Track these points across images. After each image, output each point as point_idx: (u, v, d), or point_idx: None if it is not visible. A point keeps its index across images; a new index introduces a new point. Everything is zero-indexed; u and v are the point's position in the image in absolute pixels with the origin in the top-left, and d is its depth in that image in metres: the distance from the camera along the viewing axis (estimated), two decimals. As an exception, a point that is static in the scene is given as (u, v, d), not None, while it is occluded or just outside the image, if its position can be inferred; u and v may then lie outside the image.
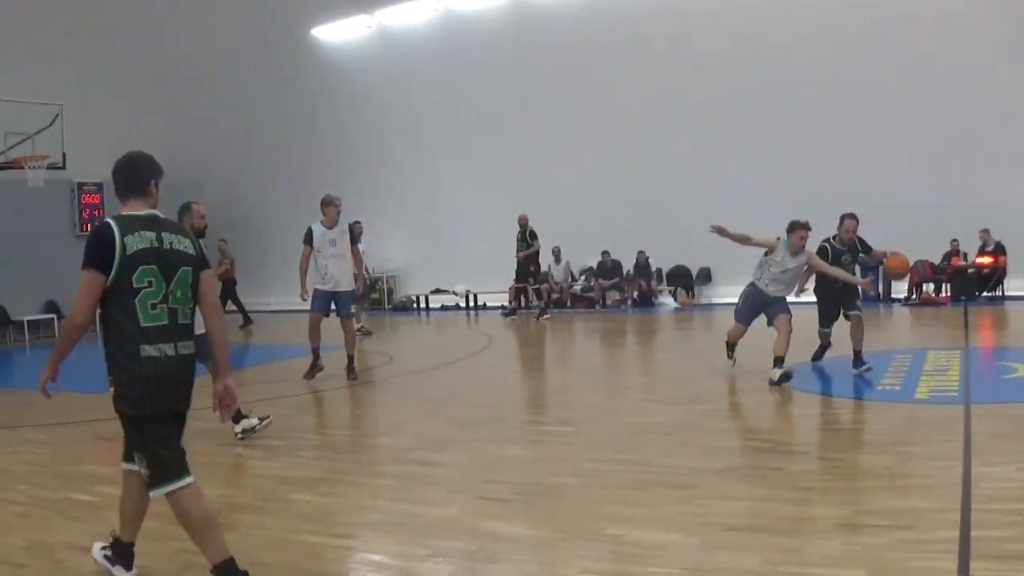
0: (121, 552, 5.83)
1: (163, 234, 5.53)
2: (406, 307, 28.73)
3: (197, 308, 5.60)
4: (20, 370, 15.49)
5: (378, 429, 10.44)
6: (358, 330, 18.55)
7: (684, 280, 25.16)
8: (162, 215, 5.75)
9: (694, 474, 7.38)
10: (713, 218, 17.86)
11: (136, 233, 5.41)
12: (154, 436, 5.38)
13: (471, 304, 27.14)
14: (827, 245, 12.43)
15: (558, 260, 25.58)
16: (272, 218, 30.99)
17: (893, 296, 22.22)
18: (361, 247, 15.56)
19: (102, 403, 13.42)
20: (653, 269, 25.10)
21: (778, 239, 12.20)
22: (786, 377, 11.48)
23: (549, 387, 13.52)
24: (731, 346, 12.92)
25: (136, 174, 5.98)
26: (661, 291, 25.28)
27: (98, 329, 5.51)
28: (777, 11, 22.30)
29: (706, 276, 24.76)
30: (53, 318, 24.80)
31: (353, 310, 15.05)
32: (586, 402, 11.33)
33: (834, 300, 12.54)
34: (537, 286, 23.87)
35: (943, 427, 8.48)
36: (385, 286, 29.17)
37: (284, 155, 30.44)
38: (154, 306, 5.36)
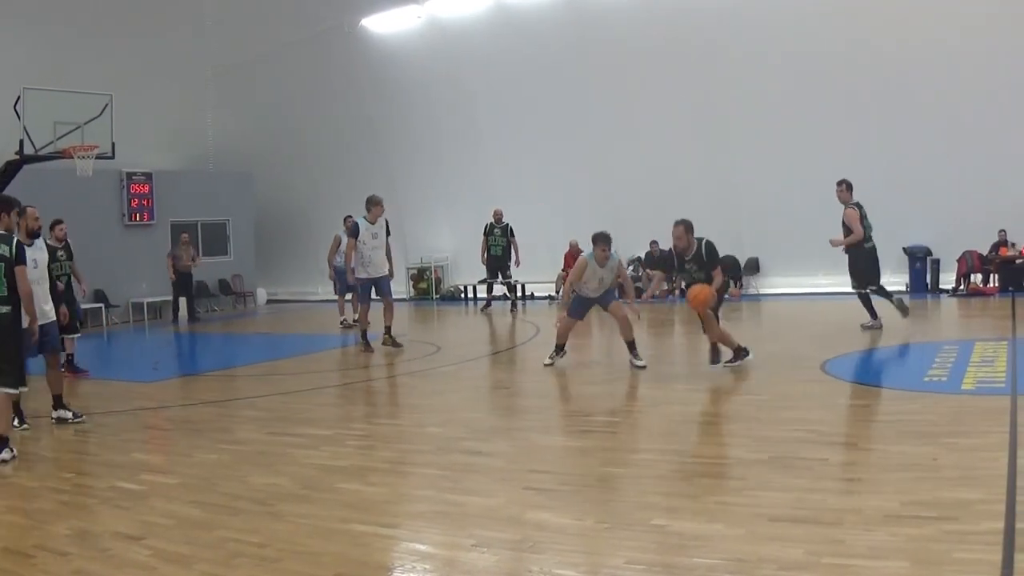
0: None
1: None
2: (453, 297, 28.80)
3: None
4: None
5: (425, 418, 10.45)
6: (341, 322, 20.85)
7: (732, 270, 24.95)
8: None
9: (739, 464, 7.39)
10: (763, 209, 17.92)
11: None
12: None
13: (519, 294, 27.19)
14: (671, 252, 12.73)
15: (606, 250, 25.57)
16: (322, 208, 31.13)
17: (941, 287, 22.02)
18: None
19: (148, 392, 13.66)
20: (702, 259, 24.96)
21: (583, 254, 13.43)
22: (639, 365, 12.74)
23: (596, 377, 13.51)
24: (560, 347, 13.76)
25: None
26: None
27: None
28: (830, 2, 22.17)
29: (754, 266, 24.63)
30: (101, 307, 25.04)
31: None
32: (632, 392, 11.34)
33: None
34: (508, 280, 24.18)
35: (989, 418, 8.41)
36: (433, 276, 29.23)
37: (334, 146, 30.52)
38: None
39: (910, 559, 5.10)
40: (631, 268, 25.70)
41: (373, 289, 16.78)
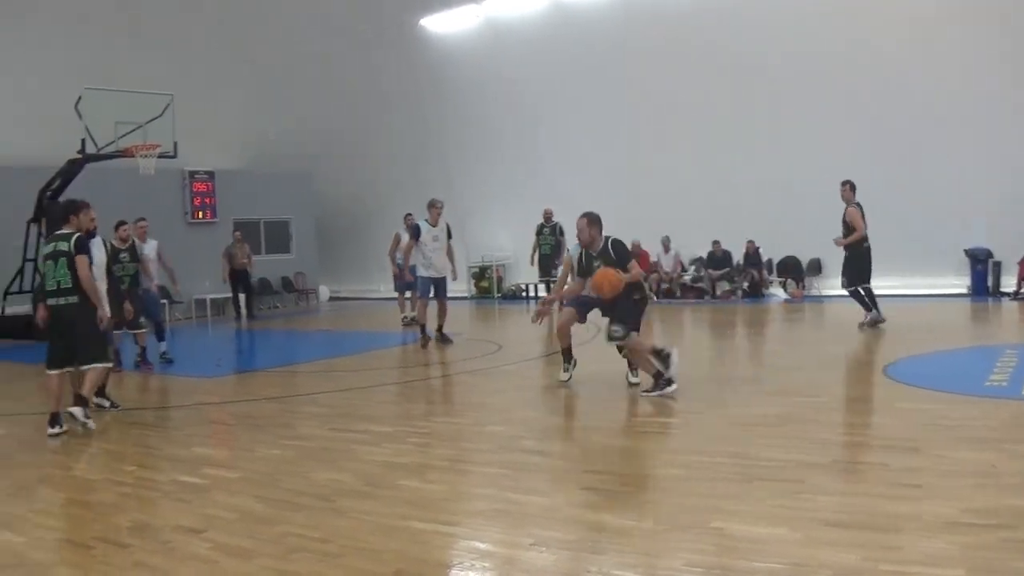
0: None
1: None
2: (514, 295, 28.86)
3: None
4: (127, 356, 15.89)
5: (485, 417, 10.51)
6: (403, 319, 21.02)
7: (794, 271, 24.94)
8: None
9: (799, 468, 7.37)
10: (824, 210, 17.85)
11: None
12: None
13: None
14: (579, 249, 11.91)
15: (667, 250, 25.52)
16: (382, 206, 31.35)
17: (1002, 290, 21.79)
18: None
19: (211, 387, 13.83)
20: (763, 259, 24.92)
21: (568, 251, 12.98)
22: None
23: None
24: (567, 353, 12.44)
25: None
26: (771, 282, 25.09)
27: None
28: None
29: (816, 267, 24.52)
30: (165, 304, 25.33)
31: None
32: (693, 393, 11.31)
33: None
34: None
35: (1051, 425, 8.37)
36: (494, 275, 29.32)
37: (394, 145, 30.72)
38: None
39: (967, 567, 5.08)
40: (693, 268, 25.63)
41: (433, 288, 17.22)
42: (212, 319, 26.95)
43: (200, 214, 28.62)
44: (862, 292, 16.46)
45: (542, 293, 25.43)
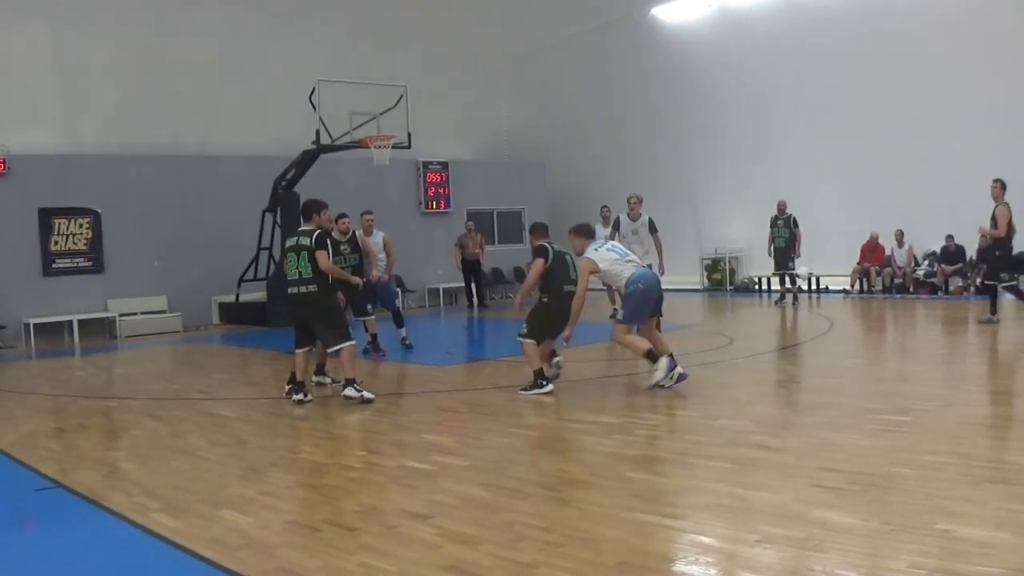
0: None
1: None
2: (747, 288, 28.62)
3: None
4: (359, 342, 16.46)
5: (715, 410, 10.48)
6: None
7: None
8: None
9: (1029, 472, 7.23)
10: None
11: None
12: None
13: (813, 287, 26.76)
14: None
15: (900, 244, 24.92)
16: (613, 197, 31.35)
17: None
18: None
19: (441, 375, 14.21)
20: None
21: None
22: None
23: (888, 374, 13.29)
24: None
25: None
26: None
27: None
28: None
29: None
30: (398, 292, 26.00)
31: None
32: (925, 391, 11.11)
33: None
34: (790, 272, 23.56)
35: None
36: (727, 267, 29.11)
37: (624, 135, 30.73)
38: None
39: None
40: (926, 263, 24.95)
41: None
42: (444, 308, 27.55)
43: (433, 204, 29.32)
44: (998, 288, 16.99)
45: (775, 286, 25.16)
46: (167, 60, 24.84)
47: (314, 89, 20.79)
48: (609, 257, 11.82)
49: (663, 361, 11.35)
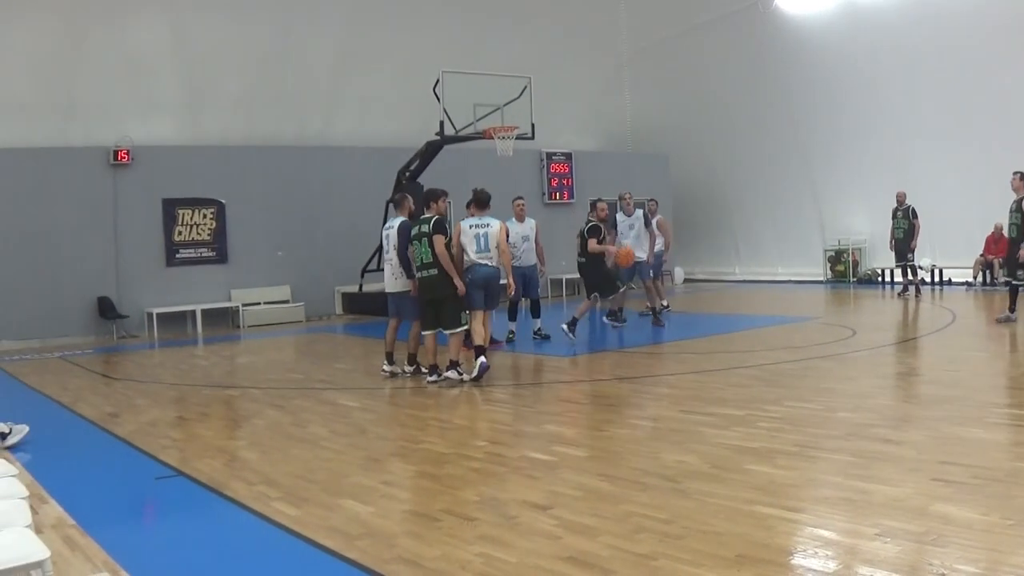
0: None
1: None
2: (870, 280, 28.23)
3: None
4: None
5: (836, 403, 10.42)
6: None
7: None
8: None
9: None
10: None
11: None
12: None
13: (936, 279, 26.35)
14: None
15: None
16: (737, 188, 31.32)
17: None
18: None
19: (564, 366, 14.33)
20: None
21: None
22: None
23: (1014, 368, 13.08)
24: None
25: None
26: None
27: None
28: None
29: None
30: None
31: None
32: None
33: None
34: (910, 263, 23.13)
35: None
36: (850, 259, 28.77)
37: (748, 126, 30.44)
38: None
39: None
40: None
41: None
42: (567, 299, 27.63)
43: (557, 195, 29.42)
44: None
45: (898, 278, 24.80)
46: (289, 50, 25.12)
47: (438, 80, 20.93)
48: (470, 234, 13.38)
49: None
